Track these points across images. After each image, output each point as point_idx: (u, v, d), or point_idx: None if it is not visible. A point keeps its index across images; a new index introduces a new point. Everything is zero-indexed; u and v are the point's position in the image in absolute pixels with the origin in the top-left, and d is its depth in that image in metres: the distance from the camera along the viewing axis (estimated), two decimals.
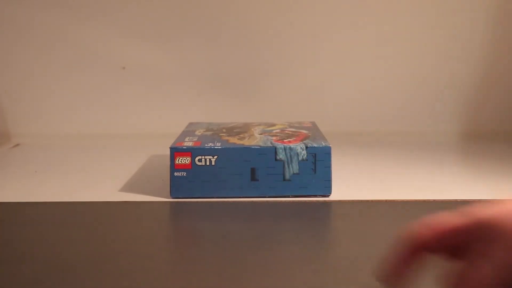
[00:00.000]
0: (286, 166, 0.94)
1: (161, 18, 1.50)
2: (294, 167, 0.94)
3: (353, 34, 1.51)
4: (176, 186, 0.94)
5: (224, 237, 0.77)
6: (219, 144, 0.95)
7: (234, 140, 0.98)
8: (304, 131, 1.06)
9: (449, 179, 1.07)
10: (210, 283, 0.63)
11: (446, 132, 1.48)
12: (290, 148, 0.94)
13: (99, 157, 1.29)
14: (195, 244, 0.74)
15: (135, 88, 1.52)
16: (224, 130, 1.08)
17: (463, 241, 0.44)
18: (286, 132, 1.05)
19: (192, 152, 0.93)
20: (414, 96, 1.52)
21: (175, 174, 0.94)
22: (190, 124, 1.18)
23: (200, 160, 0.93)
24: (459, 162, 1.20)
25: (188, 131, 1.08)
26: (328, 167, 0.94)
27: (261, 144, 0.95)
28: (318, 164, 0.94)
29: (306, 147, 0.94)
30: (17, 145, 1.43)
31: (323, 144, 0.95)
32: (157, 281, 0.63)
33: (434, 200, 0.94)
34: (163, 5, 1.50)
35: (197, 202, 0.93)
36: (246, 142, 0.97)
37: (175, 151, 0.94)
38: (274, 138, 0.99)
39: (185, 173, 0.94)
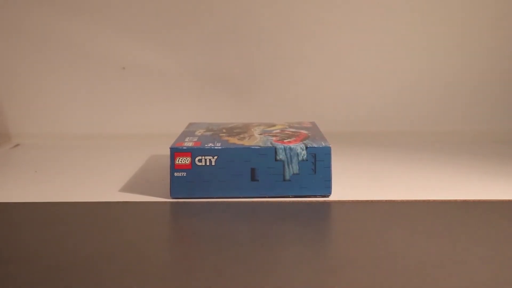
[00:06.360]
0: (286, 166, 0.94)
1: (161, 18, 1.50)
2: (294, 167, 0.94)
3: (353, 33, 1.51)
4: (176, 186, 0.94)
5: (224, 237, 0.77)
6: (219, 144, 0.95)
7: (234, 140, 0.99)
8: (304, 131, 1.06)
9: (449, 179, 1.07)
10: (210, 283, 0.63)
11: (446, 132, 1.48)
12: (290, 149, 0.94)
13: (99, 157, 1.29)
14: (195, 244, 0.74)
15: (135, 88, 1.52)
16: (224, 130, 1.08)
17: None
18: (286, 132, 1.05)
19: (192, 152, 0.93)
20: (414, 96, 1.52)
21: (175, 174, 0.94)
22: (190, 124, 1.18)
23: (200, 160, 0.93)
24: (459, 162, 1.20)
25: (188, 131, 1.08)
26: (328, 167, 0.94)
27: (261, 144, 0.95)
28: (318, 164, 0.94)
29: (306, 147, 0.94)
30: (17, 145, 1.44)
31: (323, 144, 0.95)
32: (157, 281, 0.63)
33: (434, 200, 0.94)
34: (163, 5, 1.50)
35: (197, 202, 0.93)
36: (246, 142, 0.97)
37: (175, 151, 0.94)
38: (274, 138, 0.99)
39: (185, 173, 0.94)
